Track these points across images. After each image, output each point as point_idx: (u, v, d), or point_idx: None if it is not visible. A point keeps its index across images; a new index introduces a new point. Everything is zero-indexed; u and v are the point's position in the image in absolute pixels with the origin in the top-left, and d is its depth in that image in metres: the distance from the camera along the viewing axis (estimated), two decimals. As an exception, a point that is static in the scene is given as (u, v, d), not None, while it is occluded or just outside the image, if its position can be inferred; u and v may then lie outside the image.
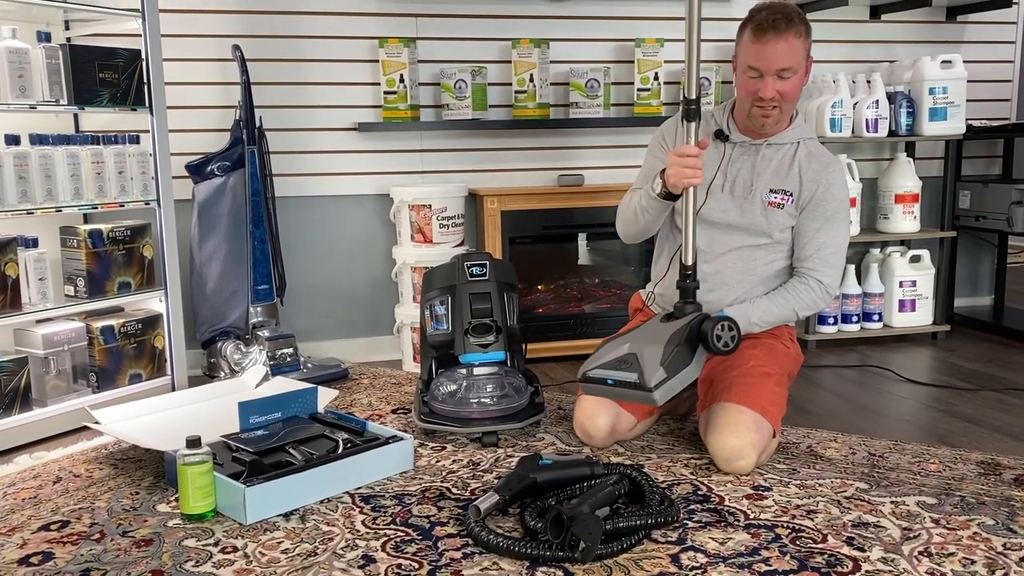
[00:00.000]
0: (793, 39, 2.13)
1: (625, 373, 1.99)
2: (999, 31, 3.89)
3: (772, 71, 2.13)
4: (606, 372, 2.04)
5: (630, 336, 2.14)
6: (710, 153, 2.30)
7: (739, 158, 2.30)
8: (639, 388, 1.94)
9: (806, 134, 2.32)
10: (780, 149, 2.28)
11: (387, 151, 3.36)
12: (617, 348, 2.09)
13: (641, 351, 2.01)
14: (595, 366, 2.08)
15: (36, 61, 2.51)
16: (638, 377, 1.95)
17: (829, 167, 2.27)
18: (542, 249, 3.46)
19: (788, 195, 2.26)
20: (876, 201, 3.65)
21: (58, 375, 2.61)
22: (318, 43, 3.26)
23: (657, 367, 1.94)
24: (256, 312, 3.11)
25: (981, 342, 3.54)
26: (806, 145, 2.29)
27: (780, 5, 2.16)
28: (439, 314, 2.52)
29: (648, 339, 2.06)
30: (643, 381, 1.93)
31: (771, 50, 2.12)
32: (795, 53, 2.14)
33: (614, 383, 2.00)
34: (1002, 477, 2.07)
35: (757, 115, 2.21)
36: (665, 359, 1.95)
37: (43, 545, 1.80)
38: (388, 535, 1.81)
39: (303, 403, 2.34)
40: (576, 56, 3.45)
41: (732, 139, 2.31)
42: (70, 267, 2.67)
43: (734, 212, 2.29)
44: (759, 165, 2.28)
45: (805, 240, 2.27)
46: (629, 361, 2.00)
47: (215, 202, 3.01)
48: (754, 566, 1.65)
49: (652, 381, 1.92)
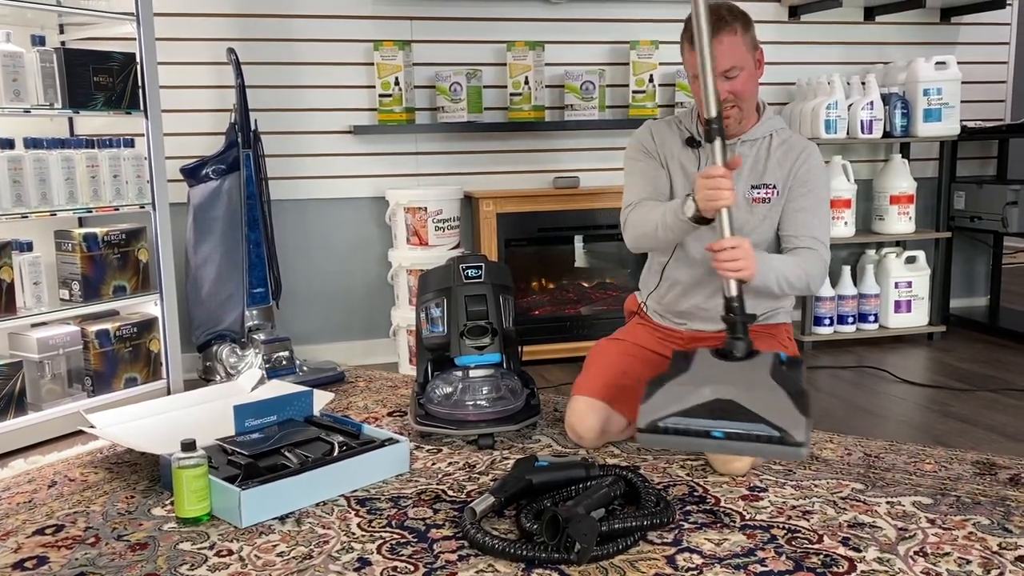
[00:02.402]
0: (729, 38, 2.09)
1: (742, 424, 1.72)
2: (993, 32, 3.90)
3: (717, 75, 2.07)
4: (701, 422, 1.77)
5: (692, 379, 1.87)
6: (685, 160, 2.30)
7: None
8: (783, 443, 1.70)
9: (777, 124, 2.30)
10: (754, 145, 2.27)
11: (382, 154, 3.37)
12: (690, 394, 1.81)
13: (740, 397, 1.76)
14: (670, 415, 1.80)
15: (30, 65, 2.51)
16: (776, 431, 1.69)
17: (805, 151, 2.25)
18: (538, 251, 3.46)
19: (771, 188, 2.24)
20: (871, 202, 3.66)
21: (53, 379, 2.61)
22: (313, 46, 3.26)
23: (799, 418, 1.70)
24: (252, 315, 3.11)
25: (977, 343, 3.55)
26: (779, 135, 2.28)
27: (713, 8, 2.07)
28: (435, 316, 2.51)
29: (734, 382, 1.81)
30: (788, 435, 1.68)
31: None
32: (735, 51, 2.10)
33: (726, 436, 1.74)
34: (997, 477, 2.08)
35: None
36: (802, 408, 1.72)
37: (38, 550, 1.79)
38: (384, 538, 1.81)
39: (299, 406, 2.33)
40: (571, 58, 3.46)
41: (703, 143, 2.27)
42: (65, 271, 2.67)
43: None
44: None
45: (796, 223, 2.22)
46: (730, 410, 1.75)
47: (210, 205, 3.01)
48: (750, 567, 1.64)
49: (801, 435, 1.68)
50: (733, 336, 1.93)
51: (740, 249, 1.96)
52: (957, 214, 3.69)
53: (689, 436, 1.78)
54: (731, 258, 1.95)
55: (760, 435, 1.71)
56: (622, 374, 2.31)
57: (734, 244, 1.96)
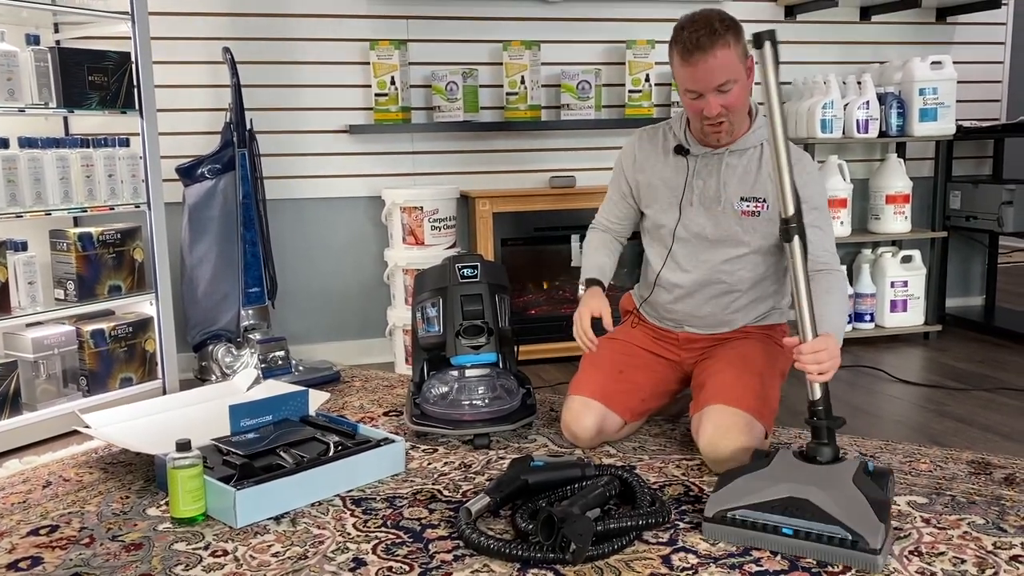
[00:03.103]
0: (722, 52, 2.01)
1: (815, 524, 1.66)
2: (989, 32, 3.90)
3: (710, 89, 2.05)
4: (771, 517, 1.71)
5: (770, 475, 1.80)
6: (673, 168, 2.29)
7: (703, 169, 2.24)
8: (856, 548, 1.63)
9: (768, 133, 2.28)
10: (744, 155, 2.22)
11: (378, 153, 3.36)
12: (764, 488, 1.75)
13: (817, 497, 1.69)
14: (740, 506, 1.74)
15: (25, 64, 2.50)
16: (850, 534, 1.63)
17: (799, 164, 2.15)
18: (534, 251, 3.46)
19: (762, 202, 2.20)
20: (867, 202, 3.66)
21: (48, 379, 2.60)
22: (309, 45, 3.25)
23: (877, 524, 1.63)
24: (247, 315, 3.10)
25: (972, 342, 3.55)
26: (770, 145, 2.25)
27: (703, 17, 2.04)
28: (430, 316, 2.51)
29: (814, 483, 1.73)
30: (863, 540, 1.62)
31: (702, 71, 2.02)
32: (728, 65, 2.03)
33: (795, 533, 1.68)
34: (992, 476, 2.08)
35: (710, 132, 2.16)
36: (881, 516, 1.65)
37: (32, 550, 1.79)
38: (379, 538, 1.80)
39: (294, 406, 2.33)
40: (567, 58, 3.46)
41: (693, 152, 2.25)
42: (60, 270, 2.66)
43: (709, 226, 2.24)
44: (724, 174, 2.22)
45: (810, 243, 2.07)
46: (805, 508, 1.68)
47: (206, 205, 3.01)
48: (745, 567, 1.65)
49: (877, 542, 1.61)
50: (818, 442, 1.84)
51: (826, 352, 1.85)
52: (953, 213, 3.69)
53: (756, 530, 1.72)
54: (817, 361, 1.85)
55: (833, 536, 1.65)
56: (618, 374, 2.31)
57: (821, 347, 1.85)
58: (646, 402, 2.36)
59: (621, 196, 2.42)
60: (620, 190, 2.42)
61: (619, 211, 2.45)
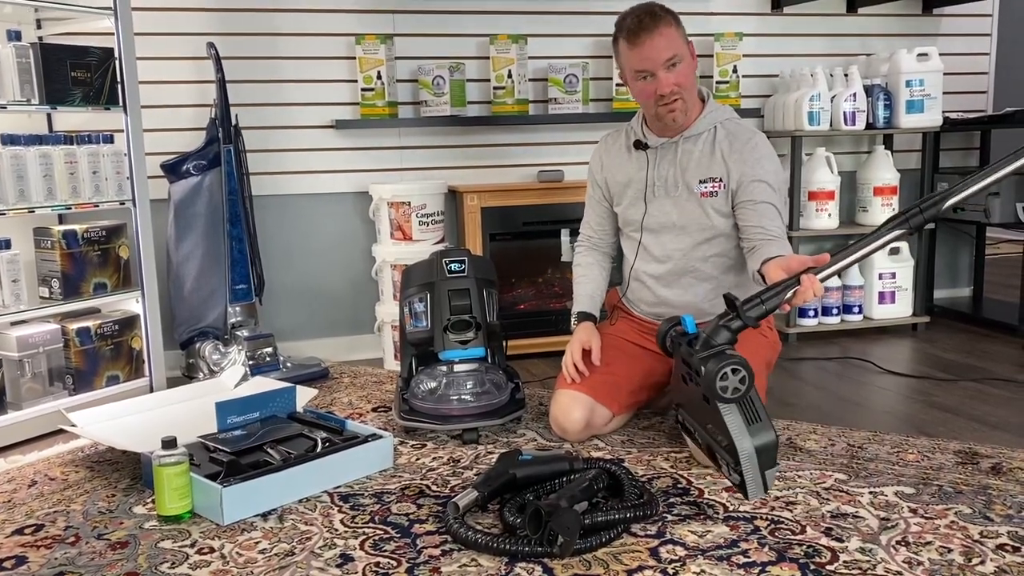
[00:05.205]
0: (665, 29, 2.14)
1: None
2: (975, 23, 3.91)
3: (660, 66, 2.14)
4: None
5: None
6: (635, 164, 2.36)
7: (662, 160, 2.32)
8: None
9: (721, 115, 2.31)
10: (698, 139, 2.29)
11: (365, 148, 3.35)
12: None
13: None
14: None
15: (6, 60, 2.48)
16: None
17: (751, 143, 2.24)
18: (522, 245, 3.45)
19: (718, 182, 2.26)
20: (855, 194, 3.67)
21: (33, 378, 2.58)
22: (294, 40, 3.24)
23: None
24: (235, 312, 3.09)
25: (960, 333, 3.56)
26: (724, 127, 2.29)
27: (642, 6, 2.20)
28: (418, 311, 2.50)
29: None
30: None
31: (650, 48, 2.14)
32: (673, 41, 2.15)
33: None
34: (979, 466, 2.08)
35: (665, 114, 2.22)
36: None
37: (16, 549, 1.78)
38: (367, 533, 1.80)
39: (281, 402, 2.32)
40: (554, 52, 3.45)
41: (651, 144, 2.33)
42: (44, 268, 2.64)
43: (674, 213, 2.31)
44: (681, 160, 2.29)
45: (761, 215, 2.18)
46: None
47: (191, 201, 2.99)
48: (733, 558, 1.65)
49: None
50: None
51: (818, 286, 1.81)
52: (940, 205, 3.69)
53: None
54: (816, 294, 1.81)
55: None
56: (605, 367, 2.32)
57: (813, 289, 1.81)
58: (634, 394, 2.36)
59: (597, 200, 2.52)
60: (595, 194, 2.52)
61: (598, 215, 2.53)
